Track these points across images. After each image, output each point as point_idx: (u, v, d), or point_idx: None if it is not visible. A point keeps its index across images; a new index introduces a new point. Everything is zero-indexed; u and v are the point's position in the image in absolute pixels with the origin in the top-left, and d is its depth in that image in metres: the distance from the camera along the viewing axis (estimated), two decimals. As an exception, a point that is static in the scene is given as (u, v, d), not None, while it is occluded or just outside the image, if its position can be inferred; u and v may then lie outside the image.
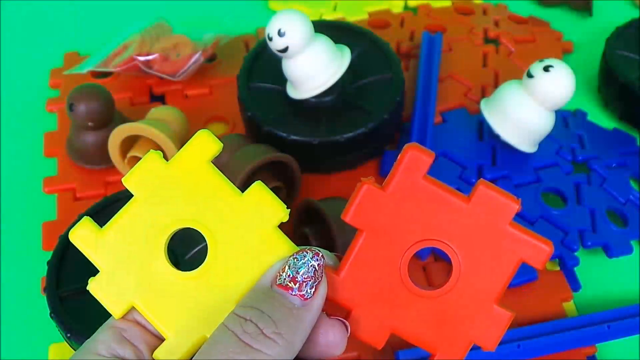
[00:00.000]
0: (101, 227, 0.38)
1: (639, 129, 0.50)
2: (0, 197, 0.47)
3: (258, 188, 0.25)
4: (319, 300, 0.24)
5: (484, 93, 0.51)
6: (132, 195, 0.26)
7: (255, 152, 0.41)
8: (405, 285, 0.25)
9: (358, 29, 0.50)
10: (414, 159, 0.24)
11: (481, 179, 0.25)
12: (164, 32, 0.54)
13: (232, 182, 0.43)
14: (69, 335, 0.34)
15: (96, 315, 0.35)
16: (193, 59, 0.51)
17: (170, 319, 0.25)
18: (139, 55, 0.51)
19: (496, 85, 0.52)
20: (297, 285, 0.23)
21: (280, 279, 0.24)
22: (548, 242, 0.24)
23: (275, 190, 0.42)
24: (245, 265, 0.25)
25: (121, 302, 0.25)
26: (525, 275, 0.41)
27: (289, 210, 0.25)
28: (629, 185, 0.46)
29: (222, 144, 0.26)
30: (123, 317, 0.25)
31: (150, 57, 0.51)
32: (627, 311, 0.40)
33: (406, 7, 0.61)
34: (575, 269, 0.42)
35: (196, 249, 0.38)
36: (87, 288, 0.25)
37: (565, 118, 0.50)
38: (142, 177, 0.25)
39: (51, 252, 0.37)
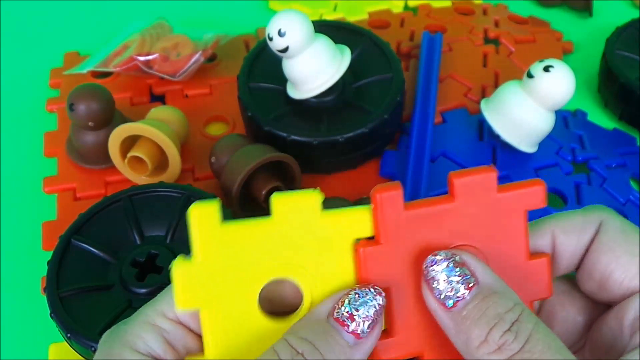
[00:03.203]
0: (99, 228, 0.39)
1: (639, 129, 0.50)
2: (0, 197, 0.47)
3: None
4: (371, 341, 0.23)
5: (484, 93, 0.51)
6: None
7: (255, 152, 0.41)
8: None
9: (358, 29, 0.50)
10: (386, 200, 0.24)
11: (450, 172, 0.25)
12: (164, 32, 0.54)
13: (232, 182, 0.43)
14: (69, 335, 0.34)
15: (96, 315, 0.35)
16: (193, 59, 0.51)
17: (225, 342, 0.23)
18: (139, 55, 0.51)
19: (496, 85, 0.52)
20: (354, 323, 0.22)
21: (339, 312, 0.23)
22: (537, 182, 0.25)
23: (275, 190, 0.42)
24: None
25: (193, 301, 0.23)
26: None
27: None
28: (629, 186, 0.46)
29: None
30: (165, 315, 0.24)
31: (150, 57, 0.51)
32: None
33: (406, 7, 0.61)
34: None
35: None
36: (172, 262, 0.23)
37: (565, 118, 0.50)
38: (292, 206, 0.24)
39: (51, 252, 0.37)
